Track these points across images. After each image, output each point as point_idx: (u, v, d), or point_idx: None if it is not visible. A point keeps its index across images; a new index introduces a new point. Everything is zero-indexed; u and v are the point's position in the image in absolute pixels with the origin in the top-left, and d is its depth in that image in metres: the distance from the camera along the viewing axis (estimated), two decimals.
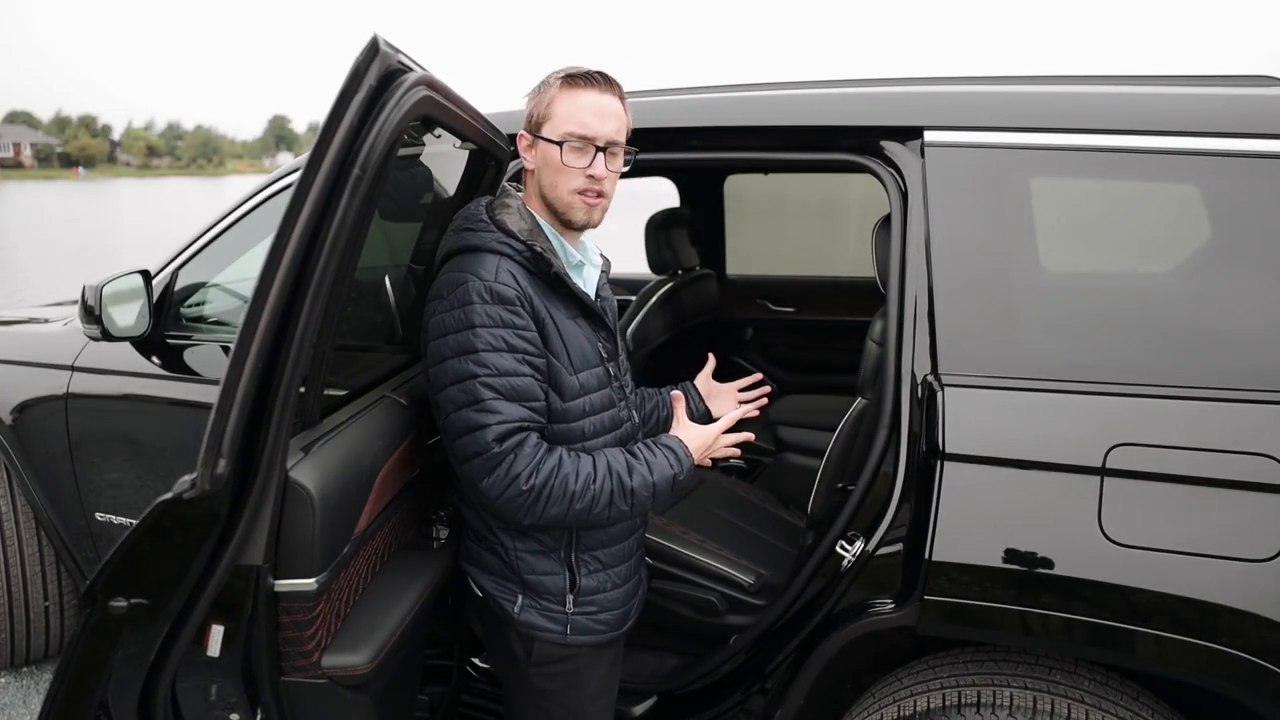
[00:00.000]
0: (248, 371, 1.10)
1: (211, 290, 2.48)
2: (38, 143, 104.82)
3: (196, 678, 1.33)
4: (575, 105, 1.48)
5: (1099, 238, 1.68)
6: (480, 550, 1.61)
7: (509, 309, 1.42)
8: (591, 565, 1.60)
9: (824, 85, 1.96)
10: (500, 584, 1.59)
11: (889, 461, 1.62)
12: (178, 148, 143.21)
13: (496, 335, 1.40)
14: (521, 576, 1.57)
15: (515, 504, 1.41)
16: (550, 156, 1.50)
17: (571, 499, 1.43)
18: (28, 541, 2.57)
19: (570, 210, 1.52)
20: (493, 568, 1.60)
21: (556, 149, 1.48)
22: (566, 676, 1.62)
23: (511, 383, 1.41)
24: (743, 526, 2.34)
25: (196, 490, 1.08)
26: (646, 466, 1.50)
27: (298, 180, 1.13)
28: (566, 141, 1.47)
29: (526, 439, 1.41)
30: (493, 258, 1.45)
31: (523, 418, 1.42)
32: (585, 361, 1.53)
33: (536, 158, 1.53)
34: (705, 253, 3.66)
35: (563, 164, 1.48)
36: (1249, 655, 1.34)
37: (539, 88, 1.53)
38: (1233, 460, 1.36)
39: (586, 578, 1.59)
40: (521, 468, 1.39)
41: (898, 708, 1.56)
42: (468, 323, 1.40)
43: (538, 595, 1.57)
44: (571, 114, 1.48)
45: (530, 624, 1.57)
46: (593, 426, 1.54)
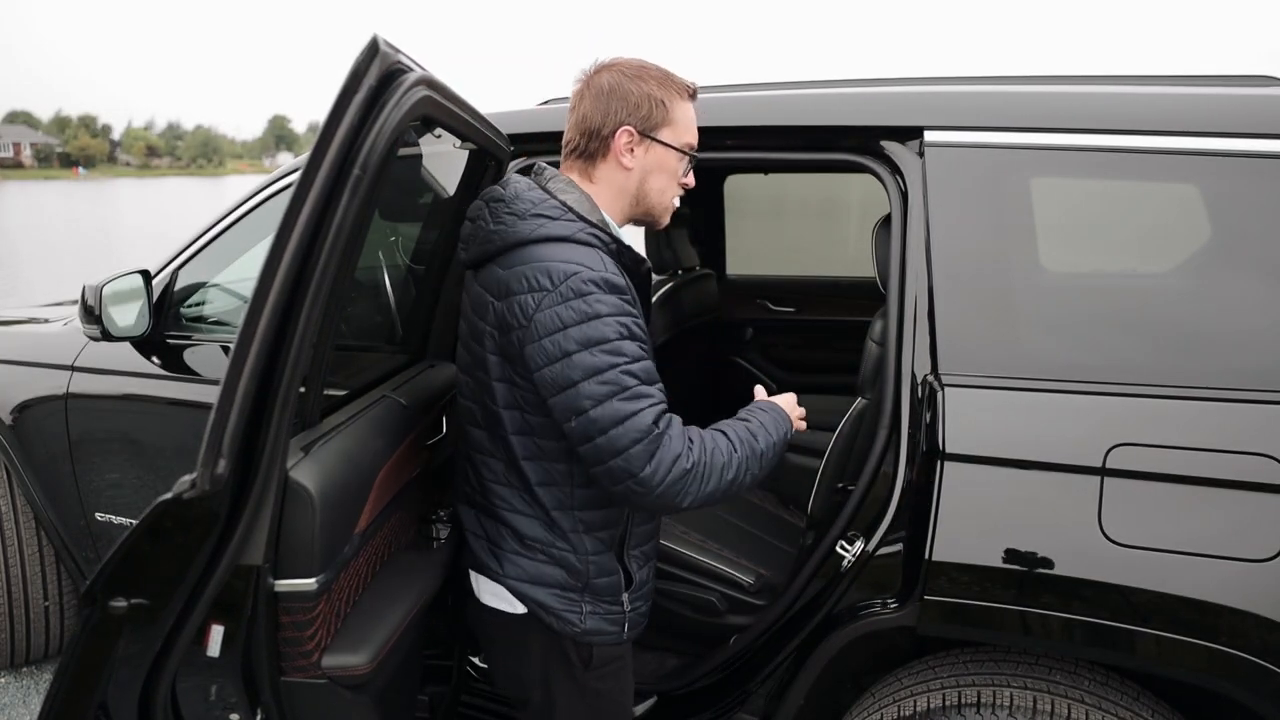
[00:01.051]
0: (248, 371, 1.10)
1: (211, 290, 2.48)
2: (38, 143, 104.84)
3: (196, 678, 1.33)
4: (690, 118, 1.51)
5: (1099, 238, 1.68)
6: (538, 563, 1.50)
7: (623, 298, 1.37)
8: (640, 560, 1.59)
9: (824, 85, 1.96)
10: (563, 596, 1.51)
11: (889, 461, 1.62)
12: (178, 148, 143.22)
13: (623, 324, 1.35)
14: (589, 581, 1.51)
15: (679, 485, 1.35)
16: (667, 163, 1.49)
17: (722, 470, 1.40)
18: (28, 541, 2.57)
19: (664, 215, 1.55)
20: (554, 580, 1.51)
21: (676, 157, 1.50)
22: (619, 673, 1.62)
23: (645, 367, 1.37)
24: (742, 526, 2.35)
25: (196, 490, 1.08)
26: (762, 428, 1.50)
27: (298, 180, 1.13)
28: (685, 152, 1.51)
29: (673, 419, 1.38)
30: (588, 250, 1.38)
31: (661, 397, 1.38)
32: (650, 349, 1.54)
33: (645, 159, 1.48)
34: (705, 253, 3.66)
35: (679, 174, 1.51)
36: (1249, 655, 1.34)
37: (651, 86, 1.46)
38: (1233, 460, 1.36)
39: (638, 571, 1.58)
40: (679, 447, 1.35)
41: (898, 708, 1.56)
42: (592, 314, 1.33)
43: (600, 599, 1.53)
44: (690, 125, 1.51)
45: (594, 631, 1.53)
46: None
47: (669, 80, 1.48)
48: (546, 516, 1.48)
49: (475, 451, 1.53)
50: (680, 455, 1.35)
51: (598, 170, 1.49)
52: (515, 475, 1.48)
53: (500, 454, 1.49)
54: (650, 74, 1.47)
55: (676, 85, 1.49)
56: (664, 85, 1.47)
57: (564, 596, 1.51)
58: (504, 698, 2.10)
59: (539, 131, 2.01)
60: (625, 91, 1.45)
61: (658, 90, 1.46)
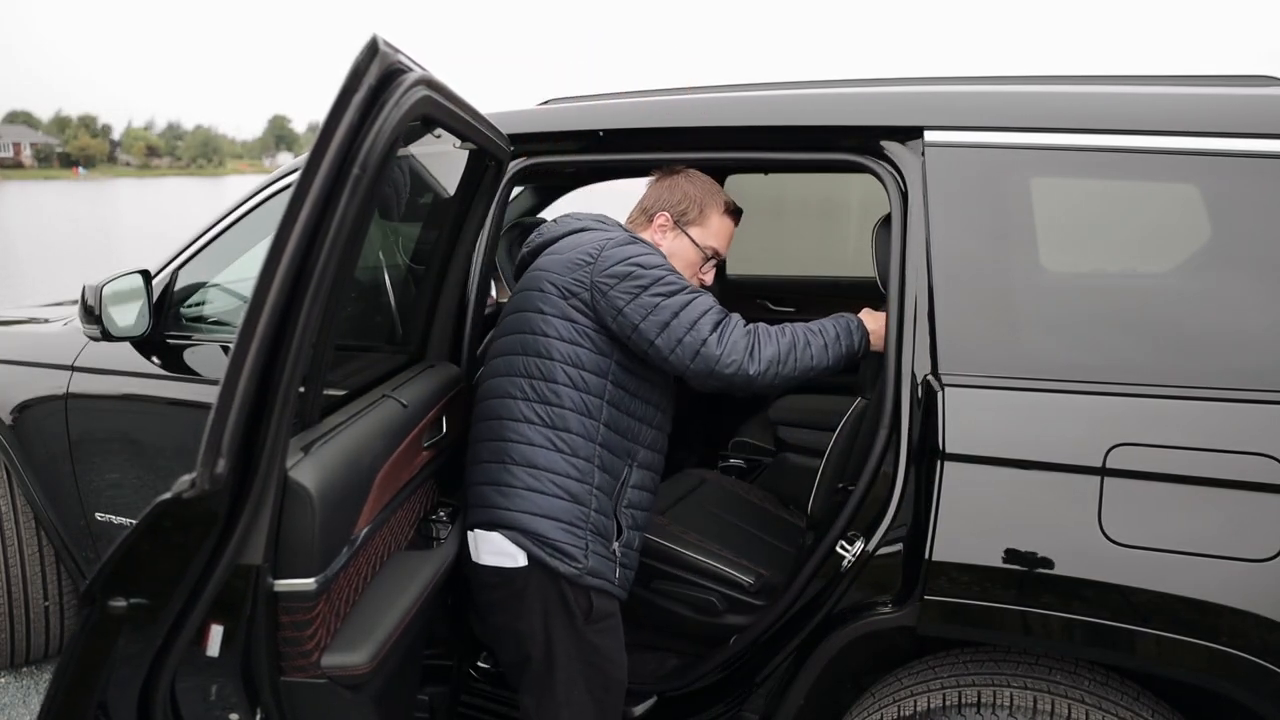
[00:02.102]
0: (247, 371, 1.10)
1: (211, 290, 2.48)
2: (38, 143, 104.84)
3: (196, 678, 1.33)
4: (725, 230, 1.89)
5: (1099, 238, 1.68)
6: (546, 495, 1.69)
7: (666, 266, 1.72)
8: (629, 519, 1.77)
9: (824, 85, 1.96)
10: (567, 529, 1.68)
11: (889, 461, 1.62)
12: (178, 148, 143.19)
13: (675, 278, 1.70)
14: (590, 514, 1.70)
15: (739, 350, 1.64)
16: (689, 255, 1.86)
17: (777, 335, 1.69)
18: (28, 541, 2.57)
19: None
20: (560, 512, 1.68)
21: (696, 252, 1.86)
22: (613, 631, 1.77)
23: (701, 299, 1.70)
24: (742, 526, 2.34)
25: (196, 490, 1.08)
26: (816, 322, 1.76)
27: (297, 180, 1.13)
28: (709, 256, 1.88)
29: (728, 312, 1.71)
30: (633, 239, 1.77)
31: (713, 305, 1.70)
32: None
33: (672, 242, 1.86)
34: None
35: (698, 270, 1.87)
36: (1249, 655, 1.34)
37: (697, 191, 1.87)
38: (1233, 460, 1.35)
39: (626, 530, 1.76)
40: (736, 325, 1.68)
41: (898, 708, 1.56)
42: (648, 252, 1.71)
43: (599, 538, 1.71)
44: (720, 235, 1.88)
45: (595, 571, 1.70)
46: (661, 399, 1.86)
47: (715, 194, 1.88)
48: (566, 447, 1.70)
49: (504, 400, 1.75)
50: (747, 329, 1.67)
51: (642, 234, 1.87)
52: (544, 409, 1.71)
53: (534, 393, 1.72)
54: (703, 184, 1.88)
55: (719, 200, 1.88)
56: (707, 194, 1.87)
57: (569, 529, 1.68)
58: (504, 696, 2.10)
59: (539, 131, 2.01)
60: (677, 187, 1.88)
61: (700, 196, 1.86)
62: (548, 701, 1.75)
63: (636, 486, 1.79)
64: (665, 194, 1.87)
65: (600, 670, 1.75)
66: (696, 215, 1.85)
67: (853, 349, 1.75)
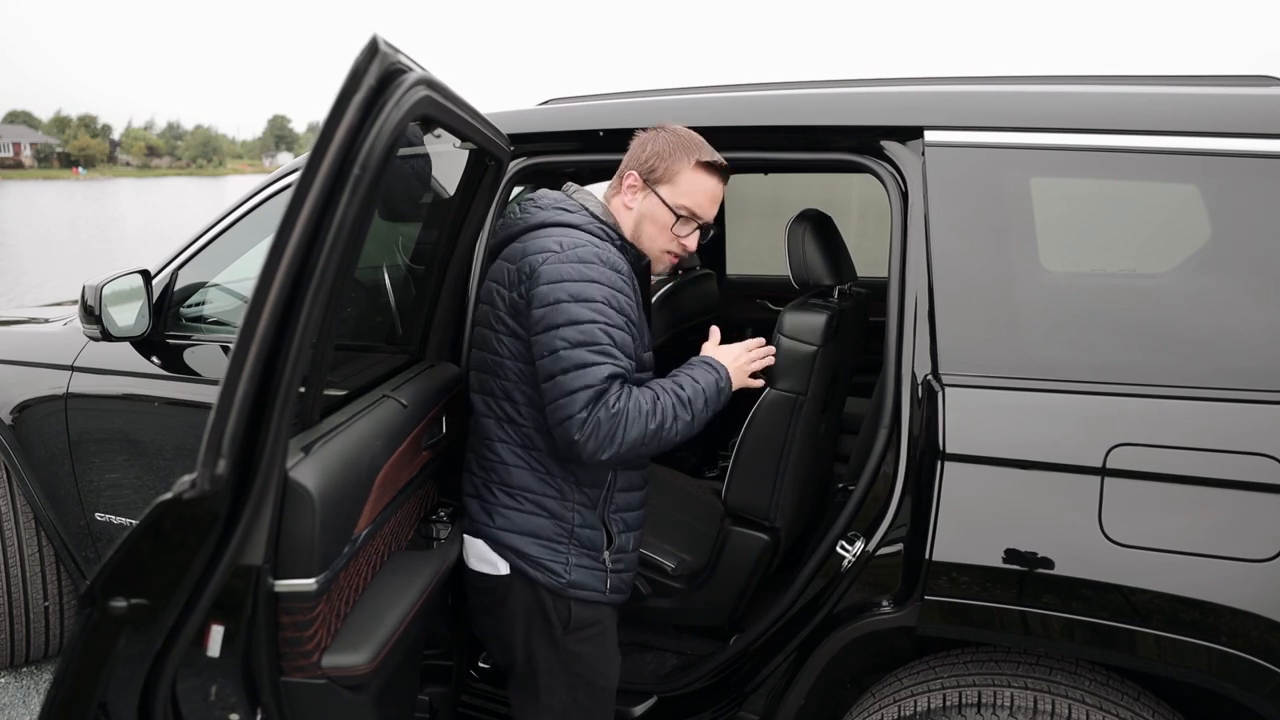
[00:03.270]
0: (247, 371, 1.10)
1: (211, 290, 2.48)
2: (38, 143, 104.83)
3: (196, 678, 1.33)
4: (700, 187, 1.69)
5: (1099, 238, 1.68)
6: (525, 515, 1.67)
7: (621, 276, 1.60)
8: (619, 525, 1.73)
9: (824, 85, 1.96)
10: (549, 545, 1.66)
11: (889, 461, 1.62)
12: (178, 148, 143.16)
13: (612, 295, 1.58)
14: (573, 529, 1.67)
15: (601, 431, 1.52)
16: (659, 216, 1.70)
17: (646, 417, 1.55)
18: (28, 541, 2.57)
19: (656, 262, 1.76)
20: (540, 529, 1.66)
21: (668, 213, 1.70)
22: (597, 639, 1.73)
23: (622, 336, 1.58)
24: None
25: (196, 490, 1.08)
26: (690, 379, 1.66)
27: (297, 180, 1.13)
28: (681, 216, 1.70)
29: (623, 380, 1.57)
30: (593, 238, 1.64)
31: (625, 363, 1.57)
32: (649, 343, 1.75)
33: (641, 203, 1.71)
34: (705, 253, 3.66)
35: (671, 231, 1.71)
36: (1249, 655, 1.34)
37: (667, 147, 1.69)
38: (1233, 460, 1.36)
39: (619, 535, 1.72)
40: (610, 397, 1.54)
41: (898, 708, 1.56)
42: (588, 277, 1.56)
43: (584, 551, 1.68)
44: (693, 193, 1.69)
45: (578, 583, 1.67)
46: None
47: (688, 148, 1.69)
48: (540, 465, 1.67)
49: (480, 418, 1.72)
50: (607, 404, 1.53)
51: (613, 201, 1.75)
52: (512, 429, 1.67)
53: (501, 412, 1.68)
54: (676, 138, 1.70)
55: (690, 153, 1.68)
56: (683, 151, 1.68)
57: (549, 546, 1.67)
58: (504, 696, 2.10)
59: (539, 131, 2.01)
60: (645, 145, 1.72)
61: (670, 153, 1.69)
62: (531, 704, 1.76)
63: (624, 490, 1.75)
64: (636, 151, 1.74)
65: (582, 678, 1.73)
66: (664, 172, 1.69)
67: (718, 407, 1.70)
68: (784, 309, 2.03)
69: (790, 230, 2.06)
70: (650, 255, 1.75)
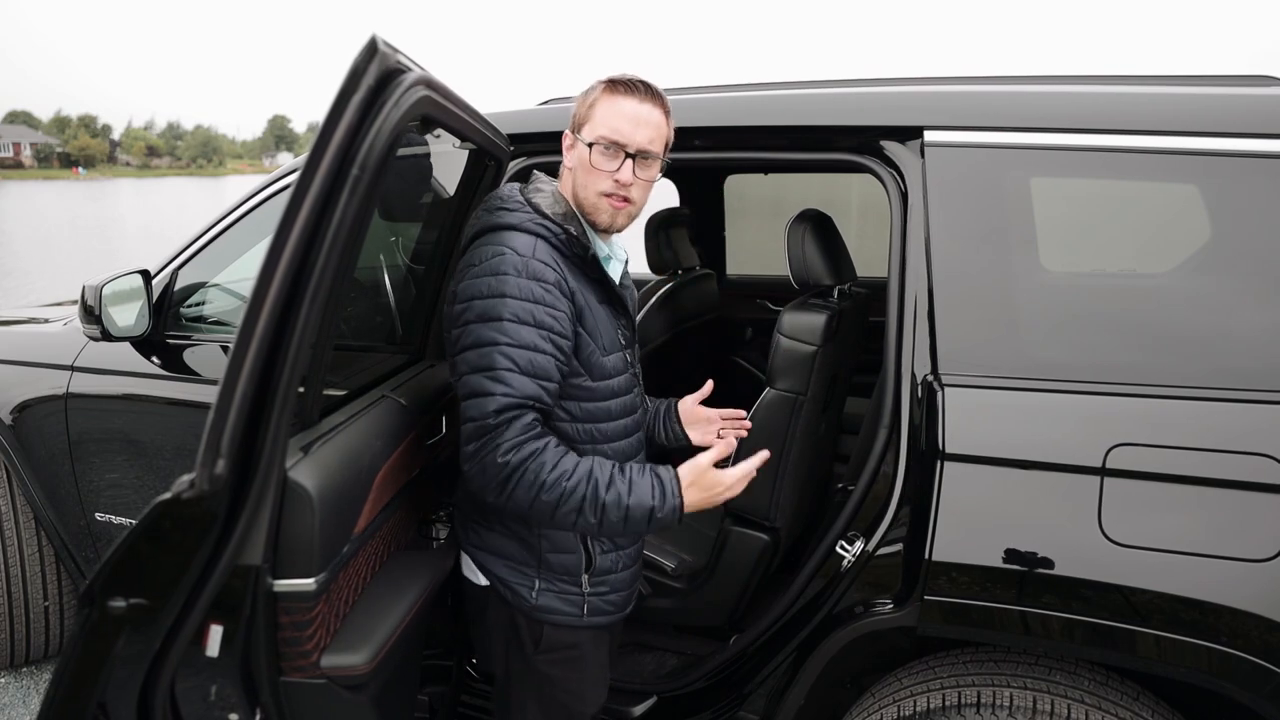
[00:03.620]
0: (247, 371, 1.10)
1: (211, 290, 2.48)
2: (38, 143, 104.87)
3: (196, 678, 1.33)
4: (614, 111, 1.52)
5: (1099, 238, 1.68)
6: (494, 535, 1.60)
7: (543, 285, 1.45)
8: (605, 544, 1.61)
9: (824, 85, 1.96)
10: (516, 569, 1.59)
11: (889, 461, 1.62)
12: (178, 148, 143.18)
13: (525, 308, 1.43)
14: (542, 555, 1.57)
15: (486, 475, 1.41)
16: (583, 157, 1.53)
17: (540, 488, 1.40)
18: (28, 541, 2.57)
19: (596, 212, 1.55)
20: (509, 552, 1.59)
21: (589, 150, 1.52)
22: (571, 661, 1.64)
23: (531, 357, 1.42)
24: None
25: (195, 490, 1.08)
26: (628, 486, 1.44)
27: (296, 180, 1.13)
28: (597, 144, 1.51)
29: (522, 415, 1.41)
30: (528, 237, 1.48)
31: (531, 395, 1.42)
32: (614, 345, 1.58)
33: (574, 157, 1.56)
34: (705, 253, 3.66)
35: (591, 165, 1.52)
36: (1249, 655, 1.34)
37: (585, 90, 1.57)
38: (1233, 460, 1.36)
39: (600, 557, 1.60)
40: (504, 438, 1.39)
41: (898, 708, 1.56)
42: (499, 291, 1.43)
43: (556, 576, 1.58)
44: (608, 119, 1.52)
45: (546, 608, 1.58)
46: (619, 407, 1.59)
47: (599, 81, 1.56)
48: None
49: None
50: (500, 448, 1.39)
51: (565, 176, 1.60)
52: None
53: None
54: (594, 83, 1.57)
55: (601, 82, 1.55)
56: (593, 88, 1.56)
57: (517, 570, 1.59)
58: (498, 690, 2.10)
59: (539, 131, 2.01)
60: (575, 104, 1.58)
61: (587, 94, 1.56)
62: (503, 716, 1.72)
63: None
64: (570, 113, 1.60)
65: (555, 700, 1.65)
66: (583, 114, 1.55)
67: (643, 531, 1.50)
68: (784, 309, 2.03)
69: (790, 230, 2.06)
70: (594, 210, 1.55)
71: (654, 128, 1.53)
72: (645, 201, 1.60)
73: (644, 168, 1.53)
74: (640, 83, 1.54)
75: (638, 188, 1.54)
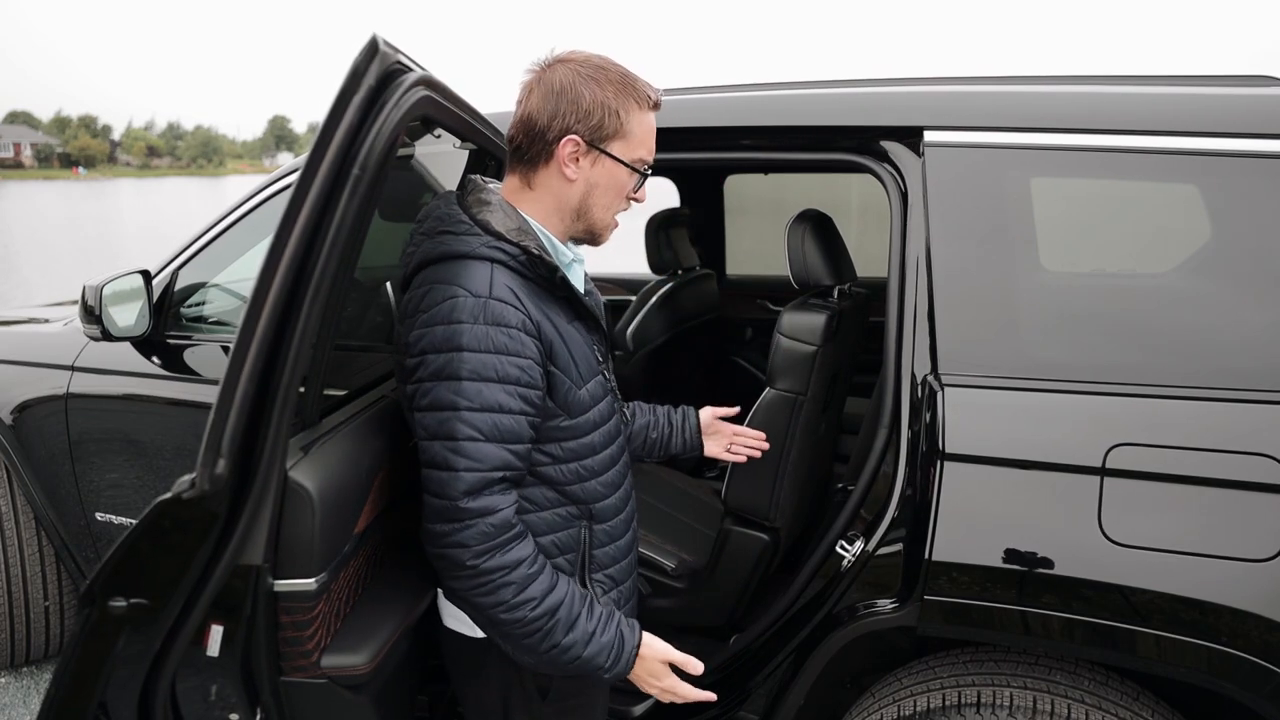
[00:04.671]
0: (247, 371, 1.10)
1: (211, 290, 2.48)
2: (38, 143, 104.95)
3: (196, 678, 1.33)
4: (648, 130, 1.35)
5: (1099, 238, 1.68)
6: None
7: (504, 330, 1.24)
8: (605, 585, 1.48)
9: (824, 85, 1.96)
10: None
11: (889, 461, 1.62)
12: (178, 148, 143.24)
13: (486, 363, 1.23)
14: None
15: (448, 566, 1.29)
16: (617, 179, 1.35)
17: (500, 607, 1.28)
18: (28, 541, 2.57)
19: (605, 232, 1.40)
20: None
21: (626, 173, 1.34)
22: (581, 710, 1.54)
23: (496, 420, 1.25)
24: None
25: (196, 490, 1.08)
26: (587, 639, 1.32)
27: (297, 180, 1.13)
28: (636, 165, 1.35)
29: (496, 510, 1.26)
30: (483, 266, 1.28)
31: (500, 463, 1.26)
32: (590, 370, 1.40)
33: (590, 172, 1.34)
34: (705, 253, 3.66)
35: (630, 190, 1.37)
36: (1249, 655, 1.34)
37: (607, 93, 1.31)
38: (1233, 460, 1.36)
39: (602, 597, 1.47)
40: (471, 541, 1.25)
41: (898, 708, 1.56)
42: (454, 344, 1.23)
43: None
44: (645, 139, 1.35)
45: None
46: (602, 438, 1.43)
47: (629, 87, 1.32)
48: None
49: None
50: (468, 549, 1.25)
51: (538, 176, 1.36)
52: None
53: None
54: (610, 77, 1.31)
55: (637, 93, 1.33)
56: (622, 92, 1.31)
57: None
58: None
59: None
60: (578, 94, 1.30)
61: (614, 98, 1.31)
62: None
63: (603, 544, 1.47)
64: (563, 107, 1.30)
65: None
66: (617, 125, 1.31)
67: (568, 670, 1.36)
68: (784, 309, 2.03)
69: (790, 230, 2.06)
70: (598, 229, 1.40)
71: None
72: None
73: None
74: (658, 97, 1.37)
75: None
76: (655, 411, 1.82)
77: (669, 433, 1.81)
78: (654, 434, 1.80)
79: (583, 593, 1.37)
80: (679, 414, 1.83)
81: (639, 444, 1.79)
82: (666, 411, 1.83)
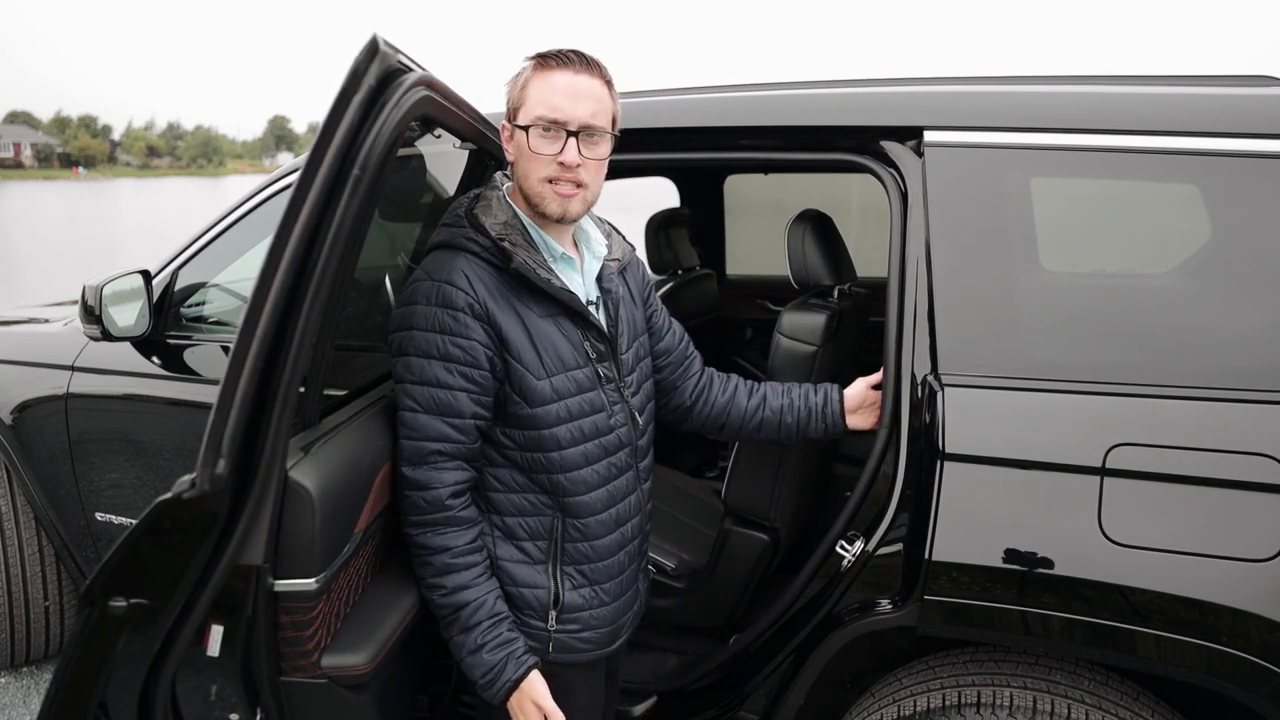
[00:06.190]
0: (247, 371, 1.10)
1: (211, 290, 2.48)
2: (38, 143, 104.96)
3: (196, 678, 1.33)
4: (547, 87, 1.39)
5: (1099, 238, 1.68)
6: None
7: (450, 313, 1.36)
8: (576, 580, 1.51)
9: (824, 85, 1.96)
10: None
11: (889, 461, 1.62)
12: (178, 148, 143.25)
13: (429, 340, 1.37)
14: (502, 589, 1.48)
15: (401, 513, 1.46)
16: (521, 144, 1.41)
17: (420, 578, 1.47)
18: (28, 541, 2.57)
19: (542, 201, 1.42)
20: None
21: (526, 135, 1.40)
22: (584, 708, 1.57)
23: (433, 394, 1.38)
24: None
25: (196, 490, 1.08)
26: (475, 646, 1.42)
27: (297, 180, 1.13)
28: (534, 126, 1.38)
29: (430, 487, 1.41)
30: (452, 255, 1.42)
31: (437, 434, 1.38)
32: (561, 364, 1.43)
33: (513, 147, 1.44)
34: (705, 253, 3.66)
35: (531, 150, 1.39)
36: (1249, 655, 1.34)
37: (515, 73, 1.45)
38: (1233, 460, 1.36)
39: (571, 593, 1.50)
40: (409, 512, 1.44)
41: (898, 708, 1.56)
42: (408, 323, 1.39)
43: (518, 611, 1.48)
44: (542, 97, 1.38)
45: None
46: (569, 435, 1.45)
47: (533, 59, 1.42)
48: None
49: None
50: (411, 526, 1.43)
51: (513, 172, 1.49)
52: None
53: None
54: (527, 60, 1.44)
55: (537, 60, 1.42)
56: (523, 69, 1.43)
57: None
58: None
59: None
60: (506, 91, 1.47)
61: (519, 74, 1.43)
62: None
63: (575, 540, 1.49)
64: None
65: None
66: (516, 98, 1.42)
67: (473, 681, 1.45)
68: (784, 309, 2.03)
69: (790, 230, 2.06)
70: (540, 199, 1.42)
71: (595, 100, 1.39)
72: (600, 185, 1.47)
73: (590, 146, 1.40)
74: (573, 53, 1.40)
75: (587, 169, 1.40)
76: (791, 394, 1.78)
77: (805, 417, 1.76)
78: (789, 418, 1.76)
79: (497, 610, 1.44)
80: (819, 395, 1.77)
81: (772, 429, 1.77)
82: (804, 393, 1.78)
